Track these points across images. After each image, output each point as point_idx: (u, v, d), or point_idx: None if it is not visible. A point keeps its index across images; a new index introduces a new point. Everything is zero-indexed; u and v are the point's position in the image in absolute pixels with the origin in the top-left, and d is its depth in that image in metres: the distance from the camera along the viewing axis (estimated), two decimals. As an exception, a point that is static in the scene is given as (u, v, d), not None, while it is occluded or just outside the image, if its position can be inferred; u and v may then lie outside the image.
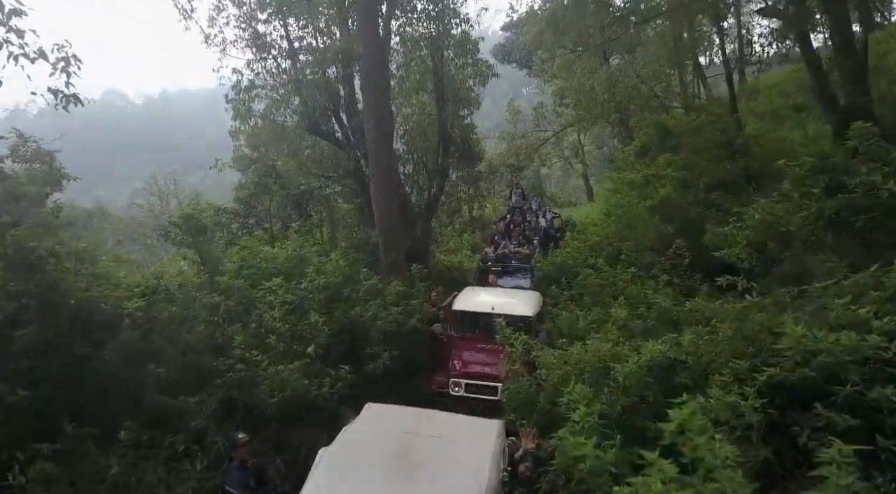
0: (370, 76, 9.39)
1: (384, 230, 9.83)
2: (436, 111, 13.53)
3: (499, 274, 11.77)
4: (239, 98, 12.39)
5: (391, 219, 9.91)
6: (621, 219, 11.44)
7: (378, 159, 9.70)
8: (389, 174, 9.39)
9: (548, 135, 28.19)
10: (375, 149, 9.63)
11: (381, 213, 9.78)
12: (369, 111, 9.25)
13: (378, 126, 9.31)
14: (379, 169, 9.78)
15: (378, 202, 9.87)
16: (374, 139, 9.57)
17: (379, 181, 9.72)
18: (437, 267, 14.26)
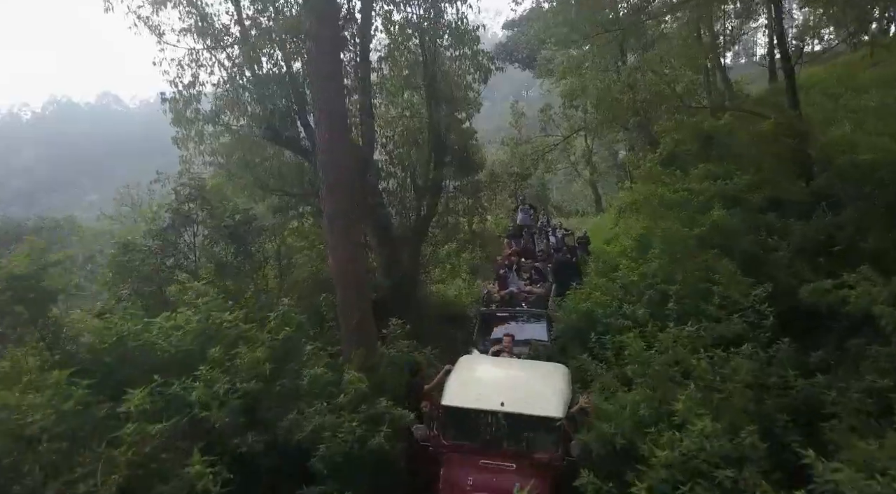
0: (319, 62, 6.60)
1: (342, 284, 6.77)
2: (427, 113, 11.02)
3: (505, 320, 9.26)
4: (180, 97, 9.91)
5: (353, 267, 6.72)
6: (664, 253, 8.89)
7: (333, 185, 6.56)
8: (348, 202, 6.65)
9: (555, 140, 25.69)
10: (328, 167, 6.59)
11: (337, 260, 6.69)
12: (319, 113, 6.62)
13: (332, 133, 6.49)
14: (333, 199, 6.58)
15: (334, 244, 6.74)
16: (325, 150, 6.59)
17: (334, 215, 6.59)
18: (429, 304, 11.74)
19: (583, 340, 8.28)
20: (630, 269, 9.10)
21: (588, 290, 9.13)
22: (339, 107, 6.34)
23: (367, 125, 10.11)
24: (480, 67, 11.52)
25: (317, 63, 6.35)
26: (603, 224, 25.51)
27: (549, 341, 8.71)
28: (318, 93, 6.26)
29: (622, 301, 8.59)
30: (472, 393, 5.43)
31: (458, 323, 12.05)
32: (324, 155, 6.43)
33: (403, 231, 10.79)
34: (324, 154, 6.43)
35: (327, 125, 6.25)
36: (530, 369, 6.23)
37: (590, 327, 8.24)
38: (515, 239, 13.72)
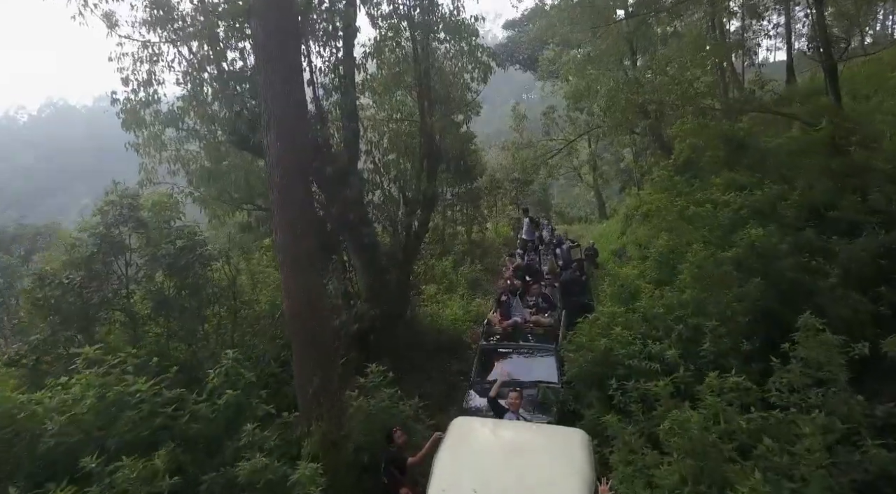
0: (265, 44, 4.99)
1: (297, 338, 5.26)
2: (419, 115, 9.71)
3: (507, 357, 7.95)
4: (135, 97, 8.63)
5: (310, 315, 5.14)
6: (695, 282, 7.56)
7: (284, 206, 5.01)
8: (304, 228, 5.13)
9: (559, 144, 24.39)
10: (278, 183, 4.99)
11: (291, 305, 5.15)
12: (267, 113, 5.17)
13: (283, 138, 4.90)
14: (285, 226, 5.00)
15: (287, 285, 5.16)
16: (274, 162, 5.02)
17: (286, 246, 5.06)
18: (420, 330, 10.41)
19: (600, 384, 6.97)
20: (654, 298, 7.77)
21: (604, 320, 7.79)
22: (292, 104, 4.94)
23: (350, 129, 8.82)
24: (479, 64, 10.22)
25: (262, 46, 4.98)
26: (609, 231, 24.23)
27: (561, 383, 7.39)
28: (266, 87, 4.93)
29: (646, 336, 7.26)
30: (467, 482, 4.12)
31: (455, 351, 10.73)
32: (273, 168, 5.06)
33: (392, 250, 9.48)
34: (273, 167, 5.06)
35: (276, 128, 4.85)
36: (541, 440, 4.90)
37: (609, 369, 6.91)
38: (518, 256, 12.38)
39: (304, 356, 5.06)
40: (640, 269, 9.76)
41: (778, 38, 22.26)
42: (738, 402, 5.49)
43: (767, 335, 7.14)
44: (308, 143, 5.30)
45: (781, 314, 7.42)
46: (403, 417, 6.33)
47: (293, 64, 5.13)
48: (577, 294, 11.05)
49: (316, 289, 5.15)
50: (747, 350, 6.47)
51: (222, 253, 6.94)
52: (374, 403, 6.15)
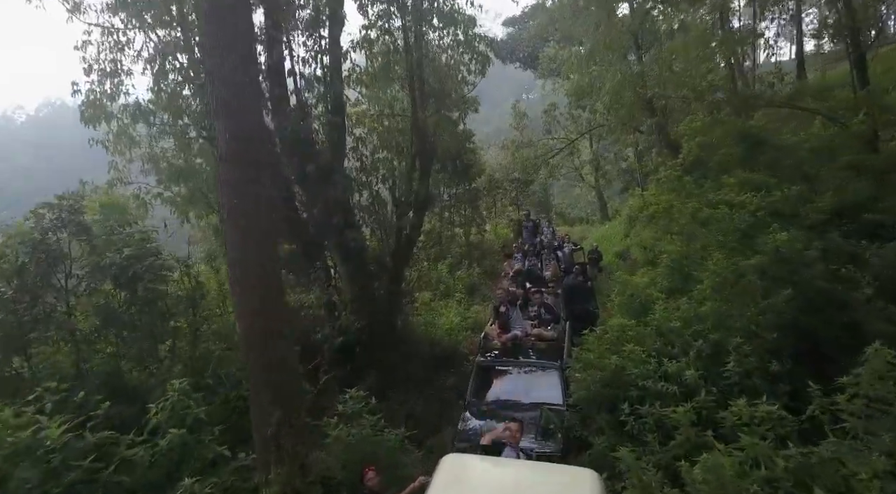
0: (213, 21, 4.12)
1: (253, 369, 4.44)
2: (411, 110, 8.96)
3: (506, 374, 7.20)
4: (99, 89, 7.90)
5: (266, 342, 4.31)
6: (716, 293, 6.79)
7: (236, 214, 4.19)
8: (259, 239, 4.32)
9: (560, 144, 23.66)
10: (229, 185, 4.20)
11: (244, 329, 4.35)
12: (216, 102, 4.33)
13: (233, 132, 4.09)
14: (237, 236, 4.19)
15: (241, 307, 4.38)
16: (225, 157, 4.18)
17: (238, 262, 4.24)
18: (413, 341, 9.65)
19: (611, 407, 6.23)
20: (668, 311, 7.02)
21: (613, 335, 7.03)
22: (246, 87, 4.13)
23: (335, 124, 8.09)
24: (476, 55, 9.47)
25: (209, 15, 4.19)
26: (611, 233, 23.48)
27: (566, 405, 6.64)
28: (215, 65, 4.13)
29: (660, 353, 6.50)
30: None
31: (451, 363, 9.97)
32: (222, 163, 4.24)
33: (380, 256, 8.73)
34: (223, 162, 4.24)
35: (226, 116, 4.05)
36: (546, 483, 4.14)
37: (620, 391, 6.16)
38: (518, 260, 11.63)
39: (261, 390, 4.26)
40: (651, 277, 8.99)
41: (780, 38, 21.53)
42: (773, 435, 4.76)
43: (795, 352, 6.42)
44: (267, 135, 4.52)
45: (810, 328, 6.70)
46: (388, 447, 5.57)
47: (245, 37, 4.32)
48: (580, 301, 10.32)
49: (277, 312, 4.35)
50: (776, 370, 5.72)
51: (180, 262, 6.16)
52: (354, 432, 5.39)
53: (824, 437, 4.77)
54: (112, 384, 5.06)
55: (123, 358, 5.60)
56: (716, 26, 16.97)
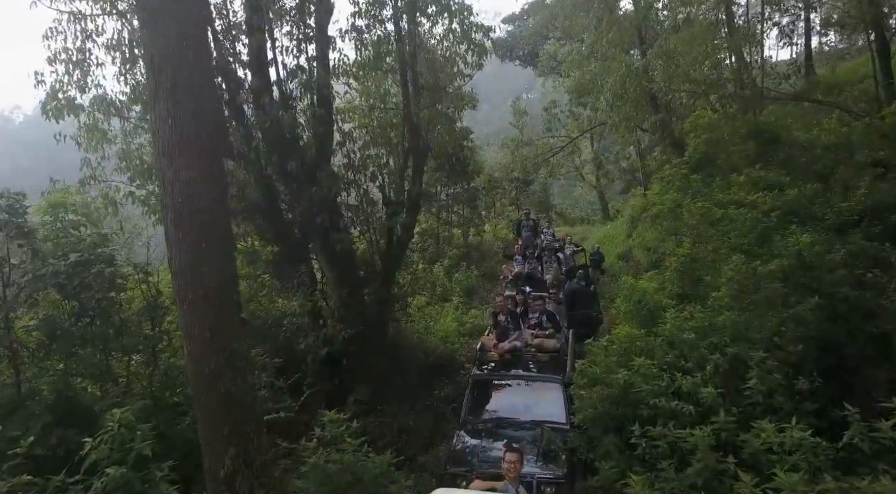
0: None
1: (201, 402, 3.77)
2: (403, 103, 8.40)
3: (505, 389, 6.63)
4: (67, 80, 7.34)
5: (226, 373, 3.65)
6: (735, 301, 6.22)
7: (185, 212, 3.56)
8: (215, 245, 3.68)
9: (561, 142, 23.10)
10: (176, 179, 3.54)
11: (193, 356, 3.72)
12: (158, 77, 3.63)
13: (182, 116, 3.44)
14: (184, 243, 3.57)
15: (188, 328, 3.71)
16: (167, 153, 3.52)
17: (183, 269, 3.63)
18: (405, 348, 9.09)
19: (619, 427, 5.66)
20: (680, 320, 6.45)
21: (620, 346, 6.47)
22: (196, 64, 3.51)
23: (321, 118, 7.53)
24: (473, 46, 8.90)
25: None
26: (613, 233, 22.94)
27: (569, 424, 6.08)
28: (153, 36, 3.50)
29: (673, 367, 5.94)
30: None
31: (447, 373, 9.42)
32: (164, 158, 3.55)
33: (370, 260, 8.17)
34: (165, 157, 3.56)
35: (171, 98, 3.40)
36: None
37: (629, 410, 5.59)
38: (518, 262, 11.08)
39: (212, 428, 3.62)
40: (659, 281, 8.43)
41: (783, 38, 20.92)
42: (806, 465, 4.21)
43: (819, 366, 5.87)
44: (222, 124, 3.89)
45: (835, 340, 6.16)
46: (374, 474, 5.01)
47: (197, 6, 3.69)
48: (583, 306, 9.79)
49: (233, 333, 3.72)
50: (804, 388, 5.16)
51: (138, 268, 5.56)
52: (335, 457, 4.83)
53: (863, 467, 4.25)
54: (61, 406, 4.50)
55: (76, 375, 5.03)
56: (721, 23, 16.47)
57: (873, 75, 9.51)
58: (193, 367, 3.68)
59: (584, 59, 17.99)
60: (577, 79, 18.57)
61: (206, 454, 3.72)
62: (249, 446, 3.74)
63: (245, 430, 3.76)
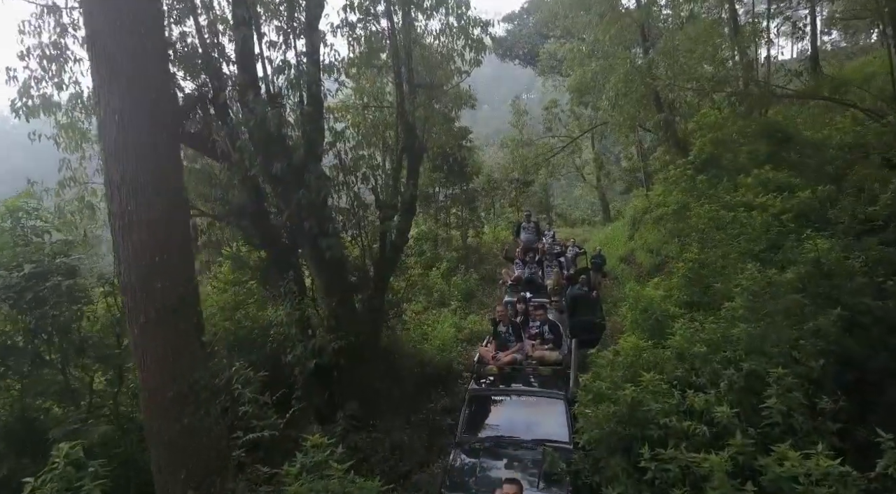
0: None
1: (162, 446, 3.29)
2: (397, 101, 8.00)
3: (503, 405, 6.23)
4: (42, 75, 6.94)
5: (186, 408, 3.19)
6: (751, 312, 5.82)
7: (133, 221, 3.04)
8: (169, 267, 3.19)
9: (562, 142, 22.71)
10: (123, 181, 3.07)
11: (152, 393, 3.27)
12: (99, 58, 3.25)
13: (130, 117, 2.96)
14: (137, 255, 3.06)
15: (142, 350, 3.21)
16: (115, 152, 3.10)
17: (130, 286, 3.14)
18: (398, 356, 8.71)
19: (626, 447, 5.27)
20: (691, 332, 6.06)
21: (626, 359, 6.07)
22: (147, 56, 3.08)
23: (311, 116, 7.14)
24: (471, 41, 8.51)
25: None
26: (614, 235, 22.54)
27: (573, 443, 5.68)
28: (93, 18, 3.07)
29: (683, 383, 5.55)
30: None
31: (444, 383, 9.04)
32: (111, 159, 3.25)
33: (362, 265, 7.77)
34: (113, 157, 3.24)
35: (114, 92, 3.03)
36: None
37: (637, 429, 5.20)
38: (519, 266, 10.68)
39: (168, 469, 3.21)
40: (666, 288, 8.04)
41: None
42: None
43: (840, 382, 5.49)
44: (178, 118, 3.43)
45: (856, 354, 5.78)
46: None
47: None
48: (585, 312, 9.40)
49: (196, 363, 3.30)
50: (829, 408, 4.77)
51: (103, 280, 5.14)
52: (319, 484, 4.44)
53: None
54: (17, 430, 4.11)
55: (37, 396, 4.63)
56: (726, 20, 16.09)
57: (890, 72, 9.12)
58: (147, 399, 3.26)
59: (585, 58, 17.63)
60: (578, 77, 18.18)
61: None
62: (212, 491, 3.33)
63: (207, 471, 3.36)
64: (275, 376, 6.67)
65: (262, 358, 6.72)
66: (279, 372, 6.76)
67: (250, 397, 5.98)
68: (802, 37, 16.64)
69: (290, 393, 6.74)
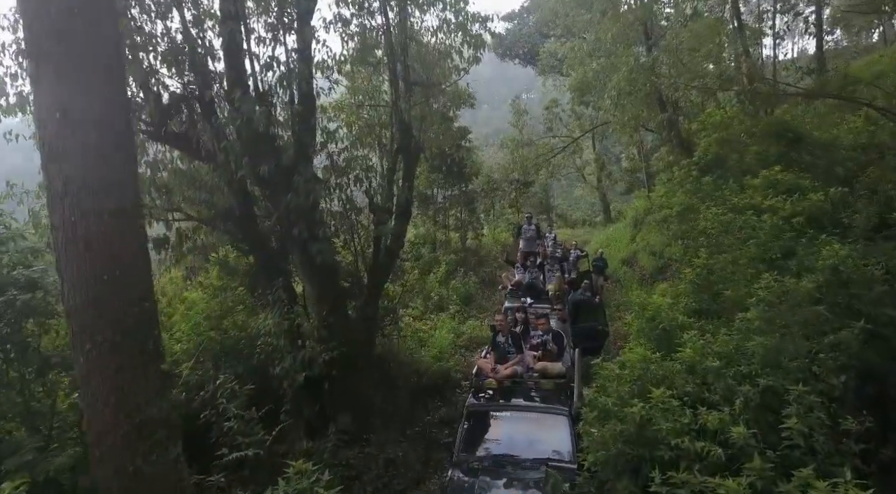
0: None
1: (101, 468, 2.77)
2: (391, 100, 7.65)
3: (502, 421, 5.89)
4: (17, 71, 6.60)
5: (139, 447, 2.67)
6: (768, 325, 5.47)
7: (77, 233, 2.64)
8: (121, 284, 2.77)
9: (562, 142, 22.38)
10: (65, 188, 2.70)
11: (99, 431, 2.74)
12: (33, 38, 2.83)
13: (72, 114, 2.55)
14: (83, 269, 2.65)
15: (94, 392, 2.73)
16: (55, 156, 2.68)
17: (74, 310, 2.70)
18: (393, 364, 8.38)
19: (635, 470, 4.94)
20: (702, 342, 5.71)
21: (633, 372, 5.73)
22: (94, 46, 2.72)
23: (300, 114, 6.81)
24: (469, 38, 8.17)
25: None
26: (616, 236, 22.21)
27: (576, 462, 5.34)
28: (24, 8, 2.72)
29: (694, 399, 5.21)
30: None
31: (441, 393, 8.72)
32: (52, 163, 2.77)
33: (355, 272, 7.42)
34: (52, 161, 2.75)
35: (53, 88, 2.64)
36: None
37: (647, 450, 4.86)
38: (520, 270, 10.35)
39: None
40: (673, 295, 7.71)
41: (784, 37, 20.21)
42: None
43: (859, 398, 5.16)
44: (126, 116, 3.00)
45: (876, 368, 5.44)
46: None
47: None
48: (588, 318, 9.08)
49: (153, 396, 2.88)
50: (854, 429, 4.43)
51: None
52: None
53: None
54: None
55: (0, 418, 4.29)
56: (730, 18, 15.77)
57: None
58: (93, 439, 2.87)
59: (586, 57, 17.30)
60: (579, 76, 17.85)
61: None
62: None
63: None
64: (262, 388, 6.35)
65: (249, 370, 6.39)
66: (267, 384, 6.43)
67: (235, 413, 5.67)
68: (809, 33, 16.31)
69: (279, 406, 6.41)
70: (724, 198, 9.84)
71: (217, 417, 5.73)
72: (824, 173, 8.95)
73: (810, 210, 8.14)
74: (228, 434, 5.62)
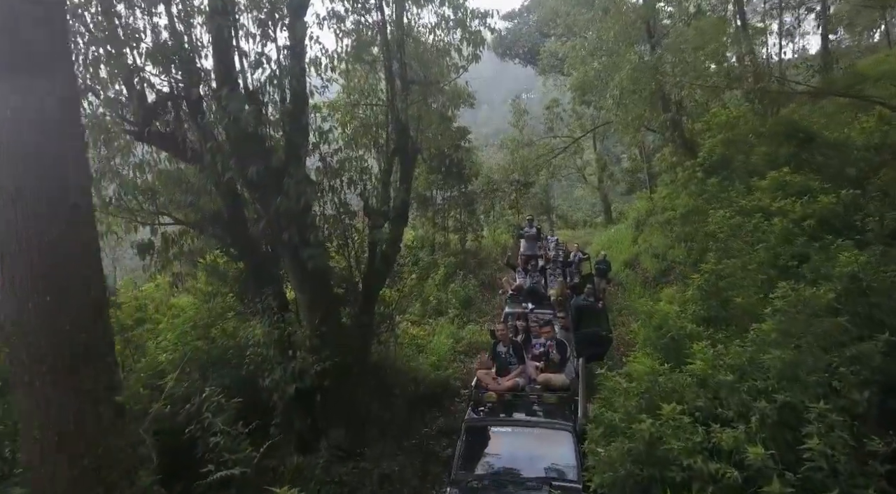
0: None
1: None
2: (387, 98, 7.37)
3: (503, 438, 5.58)
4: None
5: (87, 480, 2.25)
6: (786, 338, 5.17)
7: (21, 236, 2.26)
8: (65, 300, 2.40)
9: (563, 142, 22.10)
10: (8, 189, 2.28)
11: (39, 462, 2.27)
12: None
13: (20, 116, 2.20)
14: (25, 279, 2.25)
15: (38, 418, 2.31)
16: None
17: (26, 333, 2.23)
18: (394, 372, 8.09)
19: (644, 492, 4.64)
20: (713, 354, 5.42)
21: (640, 385, 5.43)
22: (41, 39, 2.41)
23: (291, 113, 6.51)
24: (469, 35, 7.89)
25: None
26: (618, 238, 21.89)
27: (581, 482, 5.05)
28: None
29: (706, 414, 4.92)
30: None
31: (439, 402, 8.42)
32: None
33: (349, 279, 7.13)
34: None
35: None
36: None
37: (656, 470, 4.57)
38: (521, 274, 10.06)
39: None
40: (681, 302, 7.41)
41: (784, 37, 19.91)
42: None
43: (885, 417, 4.87)
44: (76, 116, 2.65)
45: (895, 381, 5.15)
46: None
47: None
48: (590, 323, 8.78)
49: (108, 433, 2.54)
50: (882, 450, 4.13)
51: None
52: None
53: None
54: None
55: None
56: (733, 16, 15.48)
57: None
58: (34, 485, 2.53)
59: (587, 56, 17.01)
60: (580, 76, 17.56)
61: None
62: None
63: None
64: (251, 401, 6.06)
65: (237, 382, 6.10)
66: (256, 396, 6.14)
67: (222, 428, 5.39)
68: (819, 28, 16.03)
69: (269, 419, 6.12)
70: (730, 200, 9.57)
71: (202, 432, 5.46)
72: (835, 174, 8.67)
73: (821, 213, 7.86)
74: (214, 450, 5.34)
